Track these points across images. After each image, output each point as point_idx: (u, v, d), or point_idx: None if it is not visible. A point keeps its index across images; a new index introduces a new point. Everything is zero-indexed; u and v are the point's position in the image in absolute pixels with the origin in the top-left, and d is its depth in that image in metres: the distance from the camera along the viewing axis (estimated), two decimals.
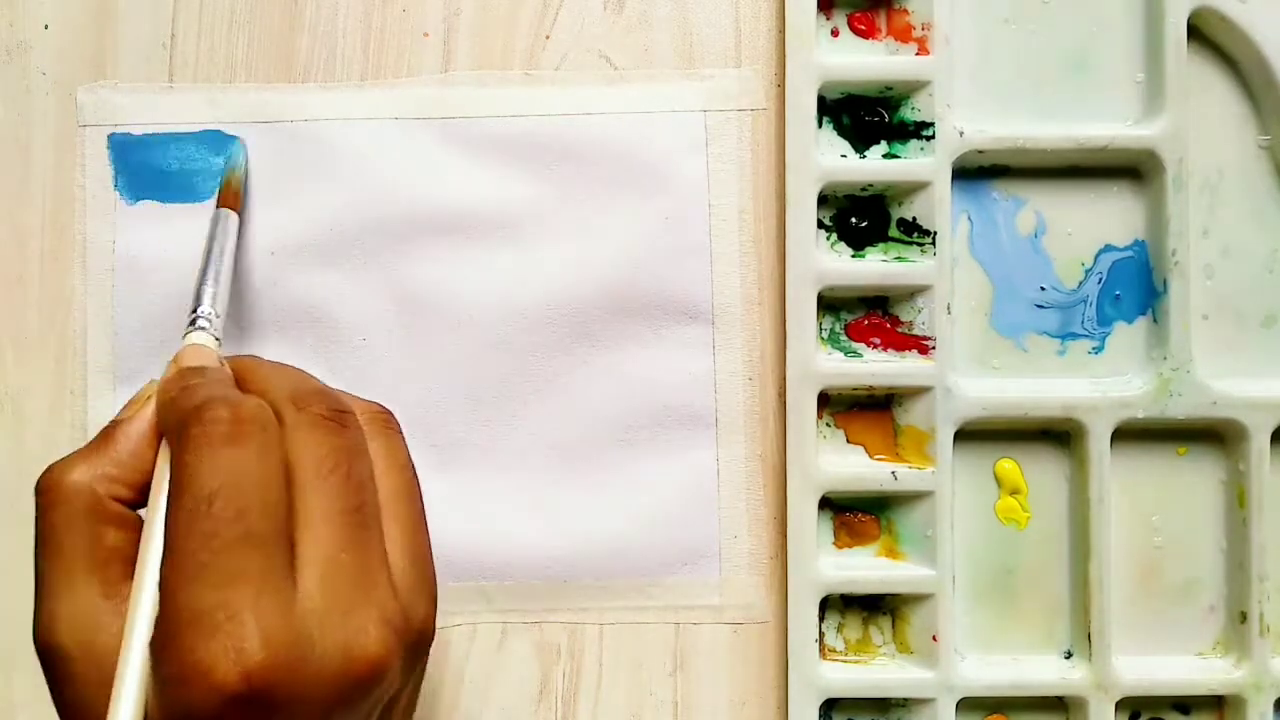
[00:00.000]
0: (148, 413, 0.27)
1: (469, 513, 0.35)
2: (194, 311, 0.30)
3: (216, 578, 0.23)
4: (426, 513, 0.29)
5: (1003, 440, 0.35)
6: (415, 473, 0.27)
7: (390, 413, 0.28)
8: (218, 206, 0.33)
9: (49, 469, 0.26)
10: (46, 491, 0.26)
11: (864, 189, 0.35)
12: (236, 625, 0.22)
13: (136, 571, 0.24)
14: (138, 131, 0.35)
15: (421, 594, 0.26)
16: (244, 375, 0.28)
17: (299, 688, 0.23)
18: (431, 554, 0.27)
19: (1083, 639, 0.35)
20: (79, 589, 0.25)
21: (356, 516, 0.25)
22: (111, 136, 0.35)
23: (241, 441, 0.24)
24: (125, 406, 0.27)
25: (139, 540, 0.25)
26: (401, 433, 0.28)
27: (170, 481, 0.24)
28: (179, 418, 0.25)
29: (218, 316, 0.30)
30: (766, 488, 0.35)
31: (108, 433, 0.26)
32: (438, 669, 0.35)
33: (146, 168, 0.35)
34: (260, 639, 0.22)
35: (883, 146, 0.35)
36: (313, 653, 0.23)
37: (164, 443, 0.26)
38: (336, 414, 0.26)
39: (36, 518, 0.26)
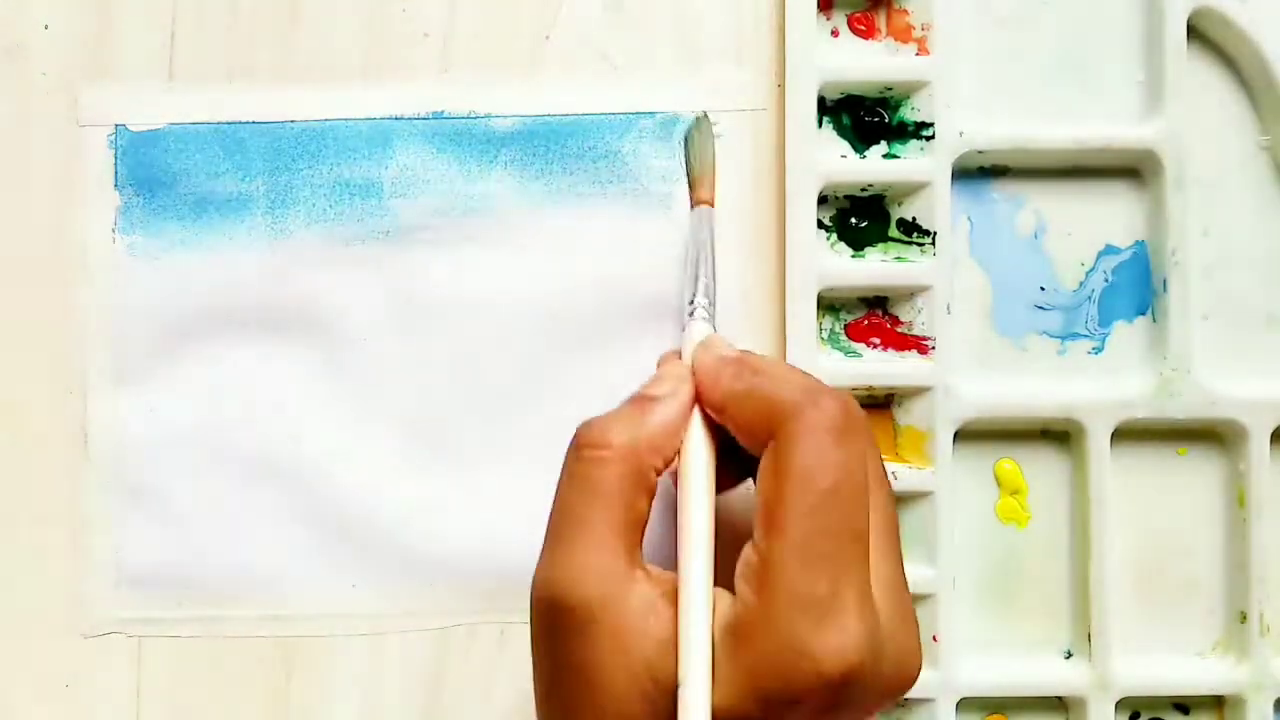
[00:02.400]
0: (684, 392, 0.27)
1: (469, 513, 0.35)
2: (692, 303, 0.30)
3: (834, 569, 0.23)
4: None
5: (1003, 440, 0.35)
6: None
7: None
8: (693, 206, 0.33)
9: (595, 424, 0.26)
10: (598, 445, 0.26)
11: (864, 189, 0.35)
12: (847, 619, 0.23)
13: (684, 544, 0.25)
14: (138, 131, 0.35)
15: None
16: (760, 367, 0.27)
17: (867, 691, 0.23)
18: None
19: (1083, 639, 0.35)
20: (608, 549, 0.25)
21: (894, 532, 0.26)
22: (111, 136, 0.35)
23: (854, 439, 0.24)
24: (653, 382, 0.27)
25: (649, 510, 0.26)
26: None
27: (780, 463, 0.24)
28: (780, 406, 0.25)
29: (712, 305, 0.31)
30: None
31: (643, 403, 0.27)
32: (438, 669, 0.35)
33: (147, 167, 0.35)
34: (863, 637, 0.23)
35: (883, 146, 0.35)
36: (881, 660, 0.24)
37: (694, 424, 0.27)
38: (866, 420, 0.26)
39: (575, 464, 0.26)
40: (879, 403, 0.35)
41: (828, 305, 0.35)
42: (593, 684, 0.24)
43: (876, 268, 0.35)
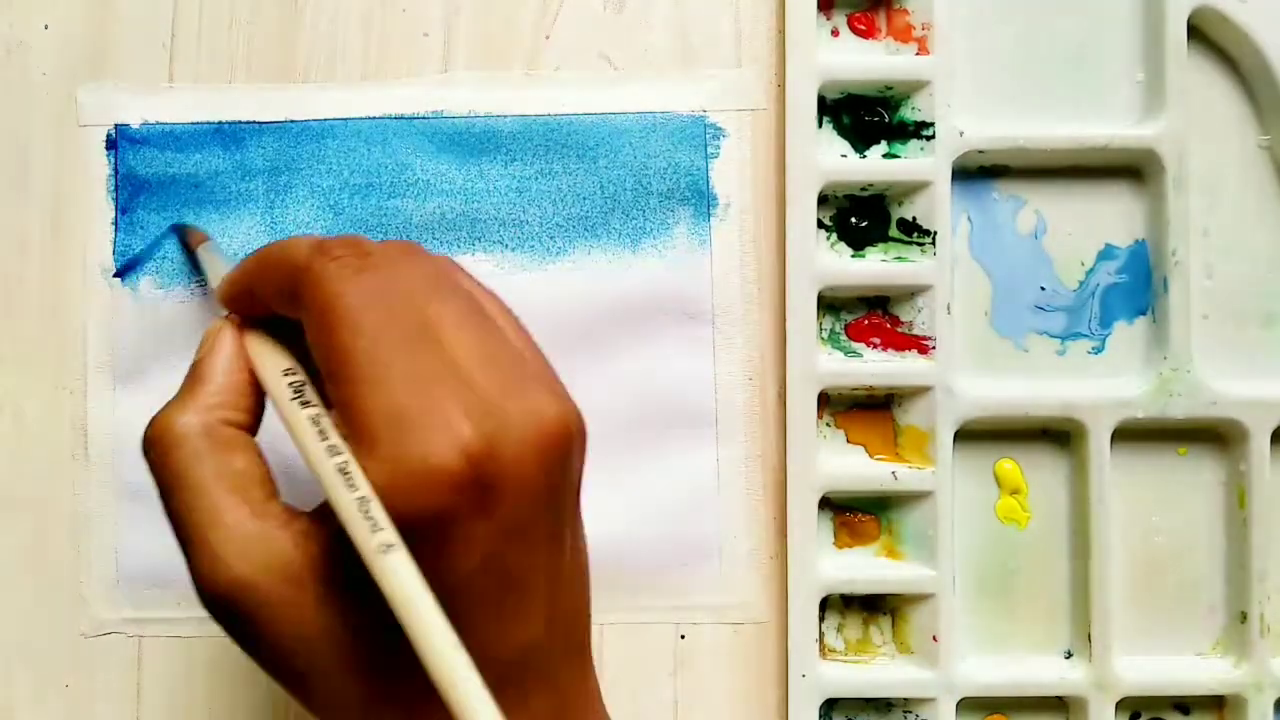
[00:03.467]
0: (226, 334, 0.26)
1: None
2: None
3: (402, 376, 0.22)
4: None
5: (1003, 440, 0.35)
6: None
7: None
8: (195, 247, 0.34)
9: (153, 420, 0.25)
10: (161, 438, 0.25)
11: (864, 189, 0.35)
12: (440, 412, 0.22)
13: (298, 434, 0.24)
14: (138, 131, 0.35)
15: (555, 374, 0.26)
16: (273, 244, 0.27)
17: (509, 463, 0.22)
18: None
19: (1083, 639, 0.35)
20: (230, 519, 0.23)
21: (480, 314, 0.25)
22: (111, 136, 0.35)
23: (373, 267, 0.24)
24: (200, 347, 0.27)
25: (263, 461, 0.25)
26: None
27: (314, 320, 0.23)
28: (298, 268, 0.24)
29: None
30: (766, 488, 0.35)
31: (194, 373, 0.26)
32: None
33: (146, 167, 0.35)
34: (465, 419, 0.22)
35: (883, 146, 0.35)
36: (509, 426, 0.22)
37: (255, 346, 0.26)
38: (404, 248, 0.26)
39: (156, 469, 0.25)
40: (879, 403, 0.35)
41: (828, 305, 0.35)
42: (288, 640, 0.23)
43: (876, 267, 0.35)
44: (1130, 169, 0.35)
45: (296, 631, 0.23)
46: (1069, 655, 0.35)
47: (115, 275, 0.35)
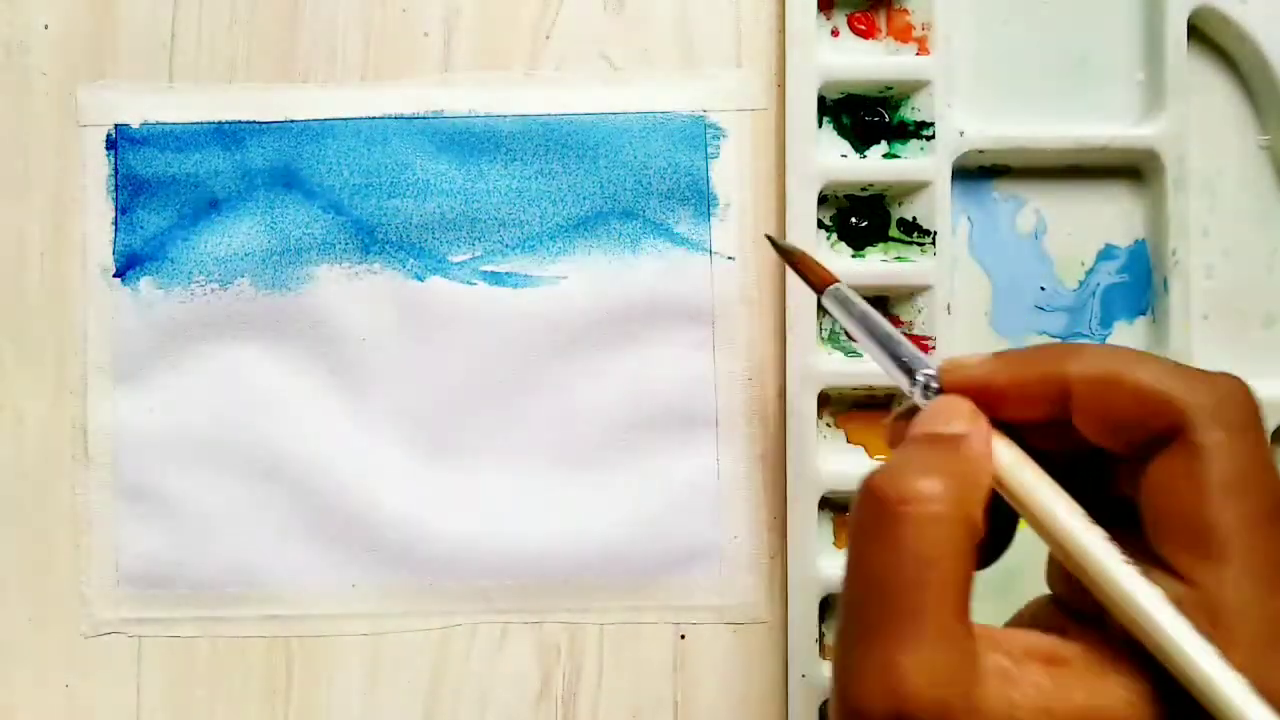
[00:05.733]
0: (982, 422, 0.22)
1: (469, 512, 0.35)
2: (912, 378, 0.25)
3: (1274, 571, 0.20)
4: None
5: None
6: None
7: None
8: (821, 291, 0.29)
9: (905, 474, 0.21)
10: (923, 500, 0.20)
11: (864, 189, 0.35)
12: None
13: (1141, 611, 0.20)
14: (138, 131, 0.35)
15: None
16: (1075, 348, 0.23)
17: None
18: None
19: None
20: (952, 632, 0.20)
21: None
22: (111, 136, 0.35)
23: (1261, 425, 0.21)
24: (934, 419, 0.23)
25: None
26: None
27: (1204, 470, 0.20)
28: (1169, 397, 0.20)
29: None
30: (766, 488, 0.35)
31: (951, 447, 0.22)
32: (438, 669, 0.35)
33: (146, 167, 0.35)
34: None
35: (883, 146, 0.35)
36: None
37: (1013, 459, 0.22)
38: None
39: (896, 532, 0.20)
40: (879, 403, 0.35)
41: None
42: None
43: (876, 268, 0.35)
44: (1130, 169, 0.35)
45: None
46: None
47: (115, 275, 0.35)
